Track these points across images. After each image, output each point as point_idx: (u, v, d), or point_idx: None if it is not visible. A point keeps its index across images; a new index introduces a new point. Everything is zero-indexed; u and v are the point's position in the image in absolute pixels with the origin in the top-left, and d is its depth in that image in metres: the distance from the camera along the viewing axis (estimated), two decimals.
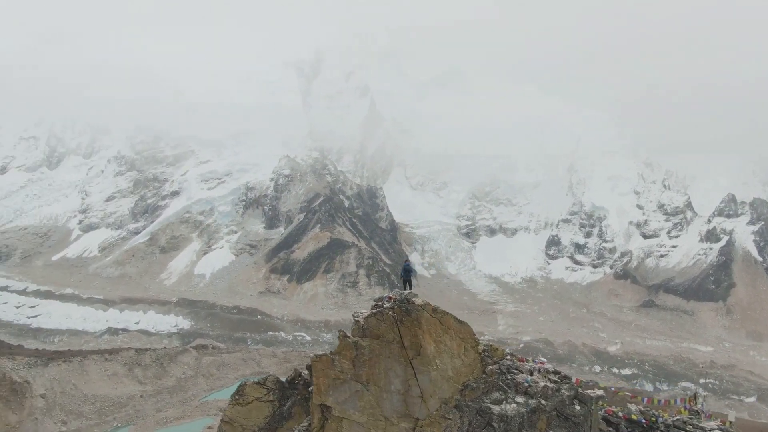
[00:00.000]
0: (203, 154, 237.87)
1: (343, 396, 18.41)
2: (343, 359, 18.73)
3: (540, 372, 22.12)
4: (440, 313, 20.45)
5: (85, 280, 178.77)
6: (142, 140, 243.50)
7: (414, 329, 18.85)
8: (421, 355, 18.56)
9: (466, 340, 20.32)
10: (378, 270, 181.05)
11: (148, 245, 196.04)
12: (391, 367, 18.51)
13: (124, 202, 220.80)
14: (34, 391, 77.61)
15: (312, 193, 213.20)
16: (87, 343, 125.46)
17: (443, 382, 18.69)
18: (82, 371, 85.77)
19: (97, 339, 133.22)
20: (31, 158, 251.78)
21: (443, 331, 19.35)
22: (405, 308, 19.31)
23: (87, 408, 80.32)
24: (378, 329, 19.01)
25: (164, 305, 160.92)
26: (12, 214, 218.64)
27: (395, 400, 18.34)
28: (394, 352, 18.64)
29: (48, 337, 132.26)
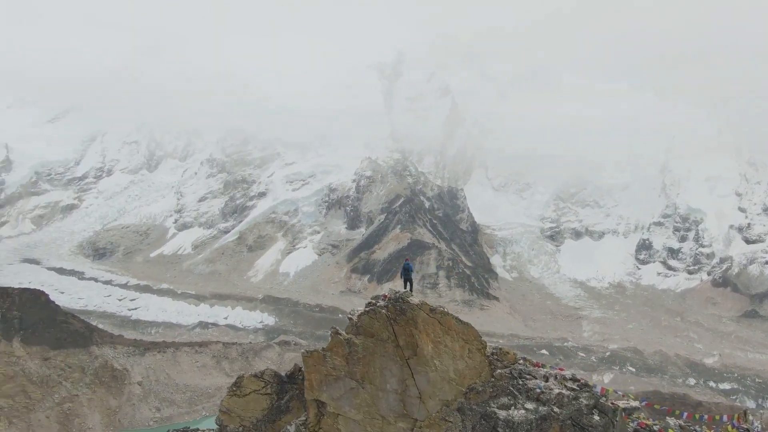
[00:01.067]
0: (288, 157, 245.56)
1: (338, 392, 18.51)
2: (335, 356, 18.75)
3: (557, 378, 20.97)
4: (439, 313, 19.82)
5: (179, 276, 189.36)
6: (231, 143, 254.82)
7: (409, 328, 18.65)
8: (418, 355, 18.40)
9: (470, 342, 19.65)
10: (458, 272, 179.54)
11: (236, 244, 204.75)
12: (386, 365, 18.46)
13: (215, 203, 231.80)
14: (132, 378, 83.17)
15: (393, 195, 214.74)
16: (180, 336, 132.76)
17: (444, 383, 18.42)
18: (175, 362, 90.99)
19: (189, 332, 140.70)
20: (133, 161, 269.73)
21: (443, 332, 18.91)
22: (399, 307, 19.10)
23: (179, 396, 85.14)
24: (371, 327, 18.89)
25: (251, 302, 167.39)
26: (116, 213, 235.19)
27: (391, 399, 18.30)
28: (389, 351, 18.56)
29: (146, 329, 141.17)
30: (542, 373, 20.78)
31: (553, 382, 20.33)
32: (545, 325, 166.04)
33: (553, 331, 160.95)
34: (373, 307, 19.22)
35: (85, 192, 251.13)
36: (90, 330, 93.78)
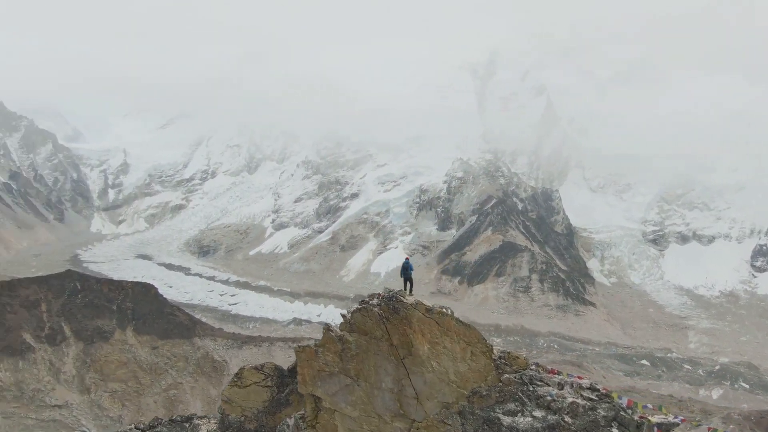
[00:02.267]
0: (380, 158, 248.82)
1: (333, 388, 18.52)
2: (327, 352, 18.77)
3: (573, 387, 19.53)
4: (437, 313, 19.22)
5: (276, 273, 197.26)
6: (326, 146, 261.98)
7: (403, 328, 18.38)
8: (413, 355, 18.10)
9: (473, 345, 18.88)
10: (552, 276, 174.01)
11: (329, 243, 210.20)
12: (380, 364, 18.25)
13: (310, 203, 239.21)
14: (230, 369, 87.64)
15: (484, 196, 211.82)
16: (275, 331, 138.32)
17: (443, 385, 18.04)
18: (270, 356, 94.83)
19: (284, 328, 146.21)
20: (234, 164, 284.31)
21: (442, 333, 18.50)
22: (392, 306, 18.87)
23: None
24: (364, 325, 18.77)
25: (342, 300, 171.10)
26: (219, 213, 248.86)
27: (387, 398, 18.12)
28: (383, 349, 18.33)
29: (244, 323, 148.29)
30: (556, 380, 19.69)
31: (569, 390, 19.16)
32: (646, 334, 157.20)
33: (655, 341, 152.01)
34: (366, 305, 19.28)
35: (191, 193, 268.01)
36: (193, 322, 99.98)
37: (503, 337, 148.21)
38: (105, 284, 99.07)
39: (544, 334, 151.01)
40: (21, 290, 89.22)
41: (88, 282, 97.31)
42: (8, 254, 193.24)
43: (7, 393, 76.65)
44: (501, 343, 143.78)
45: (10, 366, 78.86)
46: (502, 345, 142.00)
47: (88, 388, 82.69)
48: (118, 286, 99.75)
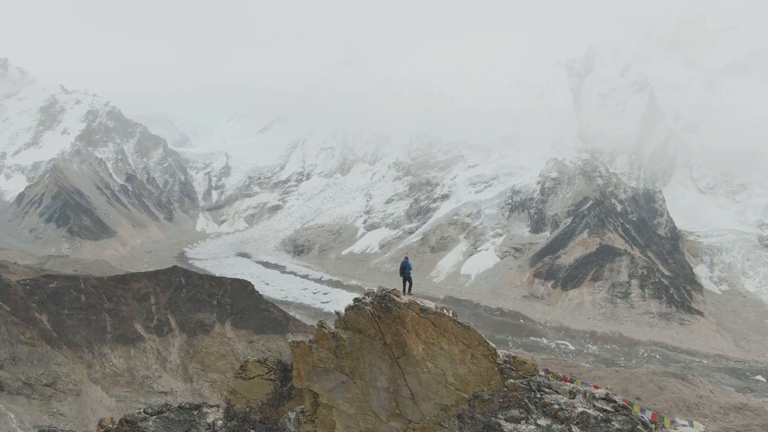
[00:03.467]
0: (471, 159, 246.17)
1: (330, 385, 18.55)
2: (321, 348, 18.73)
3: (585, 396, 17.70)
4: (433, 314, 18.28)
5: (367, 273, 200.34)
6: (417, 147, 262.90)
7: (396, 327, 18.01)
8: (407, 355, 17.77)
9: (474, 347, 17.89)
10: (654, 281, 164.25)
11: (420, 244, 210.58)
12: (375, 363, 18.08)
13: (401, 204, 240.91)
14: None
15: (580, 197, 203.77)
16: None
17: (440, 387, 17.60)
18: None
19: None
20: (328, 166, 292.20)
21: (438, 334, 17.96)
22: (385, 305, 18.48)
23: None
24: (358, 323, 18.60)
25: (433, 301, 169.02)
26: (313, 213, 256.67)
27: (382, 397, 17.95)
28: (377, 348, 18.12)
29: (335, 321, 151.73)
30: (568, 388, 18.26)
31: (580, 399, 17.72)
32: (763, 348, 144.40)
33: None
34: (358, 304, 19.05)
35: (288, 194, 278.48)
36: (287, 319, 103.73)
37: (599, 345, 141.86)
38: (206, 280, 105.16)
39: (644, 344, 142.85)
40: (133, 284, 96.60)
41: (192, 277, 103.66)
42: (124, 250, 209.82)
43: (120, 378, 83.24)
44: (597, 351, 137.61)
45: (123, 353, 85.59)
46: (597, 352, 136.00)
47: (191, 377, 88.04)
48: (219, 282, 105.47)
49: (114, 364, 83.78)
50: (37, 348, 75.12)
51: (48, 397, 71.57)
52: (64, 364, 76.62)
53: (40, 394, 71.19)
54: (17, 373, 71.01)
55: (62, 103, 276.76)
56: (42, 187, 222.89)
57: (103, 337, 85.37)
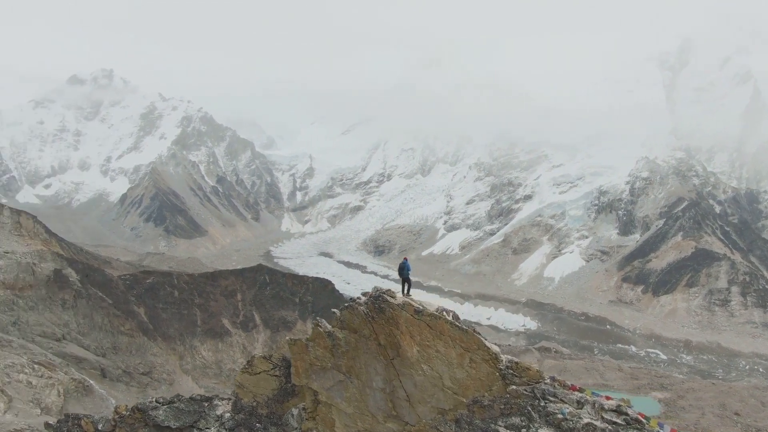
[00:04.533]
0: (556, 159, 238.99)
1: (328, 383, 18.42)
2: (318, 347, 18.61)
3: (594, 407, 15.85)
4: (428, 316, 17.20)
5: (446, 274, 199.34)
6: (499, 147, 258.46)
7: (389, 328, 17.54)
8: (401, 356, 17.32)
9: (472, 351, 16.95)
10: (758, 288, 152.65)
11: (501, 246, 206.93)
12: (370, 363, 17.79)
13: (482, 205, 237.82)
14: None
15: (674, 198, 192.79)
16: None
17: (436, 390, 16.96)
18: None
19: None
20: (409, 167, 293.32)
21: (434, 337, 17.27)
22: (378, 306, 17.91)
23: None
24: (353, 323, 18.26)
25: (513, 304, 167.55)
26: (394, 214, 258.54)
27: (379, 398, 17.65)
28: (372, 348, 17.79)
29: None
30: (575, 397, 16.68)
31: (588, 410, 16.16)
32: None
33: None
34: (352, 303, 18.62)
35: (369, 195, 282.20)
36: None
37: (694, 355, 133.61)
38: (289, 278, 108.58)
39: (746, 355, 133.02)
40: (221, 281, 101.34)
41: (276, 276, 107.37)
42: (215, 249, 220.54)
43: (209, 370, 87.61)
44: (691, 361, 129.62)
45: (212, 347, 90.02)
46: (692, 363, 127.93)
47: None
48: (301, 280, 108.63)
49: (203, 357, 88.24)
50: (135, 339, 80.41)
51: (144, 385, 76.40)
52: (159, 355, 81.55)
53: (137, 382, 76.11)
54: (117, 362, 76.28)
55: (160, 110, 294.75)
56: (142, 188, 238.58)
57: (194, 331, 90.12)
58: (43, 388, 59.98)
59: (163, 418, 20.29)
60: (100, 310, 79.88)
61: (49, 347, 68.91)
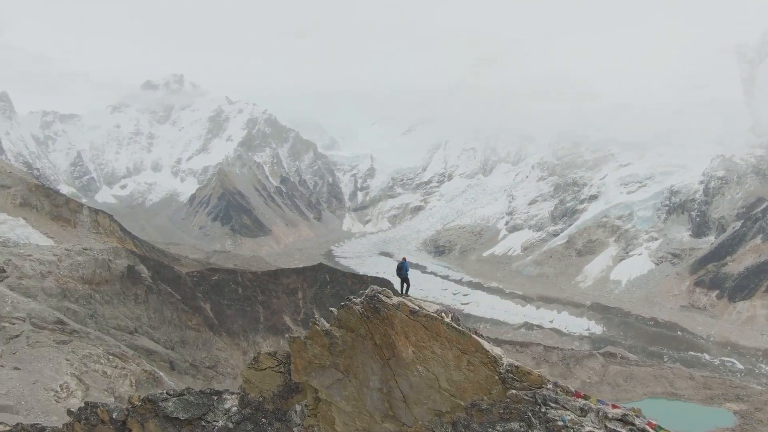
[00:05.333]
0: (623, 157, 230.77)
1: (328, 381, 18.50)
2: (315, 345, 18.70)
3: (598, 415, 14.57)
4: (424, 317, 16.70)
5: (508, 276, 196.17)
6: (562, 146, 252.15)
7: (384, 328, 17.26)
8: (396, 357, 17.10)
9: (470, 353, 16.28)
10: None
11: (565, 247, 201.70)
12: (367, 362, 17.72)
13: (545, 206, 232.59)
14: None
15: (753, 198, 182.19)
16: (505, 333, 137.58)
17: (432, 392, 16.60)
18: None
19: (514, 331, 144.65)
20: (470, 166, 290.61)
21: (430, 338, 16.78)
22: (373, 305, 17.61)
23: None
24: (349, 322, 18.14)
25: (577, 308, 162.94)
26: (454, 214, 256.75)
27: (376, 397, 17.60)
28: (368, 347, 17.70)
29: (475, 323, 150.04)
30: (578, 404, 15.57)
31: (592, 418, 15.10)
32: None
33: None
34: (349, 302, 18.28)
35: (429, 195, 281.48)
36: None
37: None
38: (349, 277, 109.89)
39: None
40: (283, 279, 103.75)
41: (335, 275, 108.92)
42: (278, 248, 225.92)
43: None
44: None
45: (273, 343, 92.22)
46: None
47: None
48: (360, 279, 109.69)
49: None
50: (201, 333, 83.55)
51: (210, 378, 79.22)
52: (224, 350, 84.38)
53: (203, 375, 79.02)
54: (185, 355, 79.47)
55: (227, 113, 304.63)
56: (209, 189, 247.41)
57: (257, 327, 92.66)
58: (116, 378, 63.27)
59: (172, 410, 20.92)
60: (170, 305, 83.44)
61: (123, 339, 72.58)
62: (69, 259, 78.64)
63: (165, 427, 20.75)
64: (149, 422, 20.97)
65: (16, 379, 54.77)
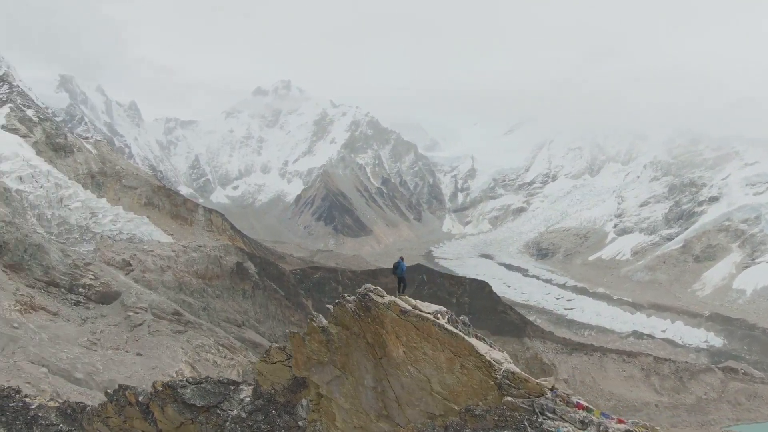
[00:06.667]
0: (749, 156, 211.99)
1: (327, 377, 18.62)
2: (313, 341, 18.82)
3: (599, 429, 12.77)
4: (415, 317, 16.01)
5: (616, 281, 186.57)
6: (679, 144, 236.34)
7: (375, 327, 17.00)
8: (387, 356, 16.84)
9: (462, 357, 15.47)
10: None
11: (680, 253, 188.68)
12: (361, 360, 17.67)
13: (658, 208, 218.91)
14: (559, 374, 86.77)
15: None
16: (611, 342, 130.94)
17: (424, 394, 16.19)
18: (601, 367, 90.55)
19: (621, 339, 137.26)
20: (576, 167, 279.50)
21: (422, 339, 16.28)
22: (364, 303, 17.25)
23: (603, 403, 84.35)
24: (344, 319, 18.02)
25: (694, 318, 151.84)
26: (559, 216, 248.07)
27: (370, 396, 17.53)
28: (362, 345, 17.57)
29: (578, 330, 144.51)
30: (578, 416, 13.61)
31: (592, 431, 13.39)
32: None
33: None
34: (342, 300, 18.06)
35: (532, 196, 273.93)
36: (524, 323, 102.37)
37: None
38: (446, 278, 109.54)
39: None
40: (381, 278, 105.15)
41: (433, 275, 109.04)
42: (379, 248, 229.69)
43: None
44: None
45: None
46: None
47: None
48: (458, 281, 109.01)
49: None
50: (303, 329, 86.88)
51: None
52: None
53: None
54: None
55: (331, 116, 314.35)
56: (314, 190, 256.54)
57: None
58: (225, 368, 67.36)
59: (190, 396, 21.86)
60: (274, 301, 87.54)
61: (231, 332, 77.09)
62: (185, 255, 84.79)
63: (182, 412, 21.92)
64: (168, 407, 22.25)
65: (139, 364, 59.95)
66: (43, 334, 56.23)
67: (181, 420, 21.74)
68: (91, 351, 58.46)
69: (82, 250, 76.61)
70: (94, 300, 67.43)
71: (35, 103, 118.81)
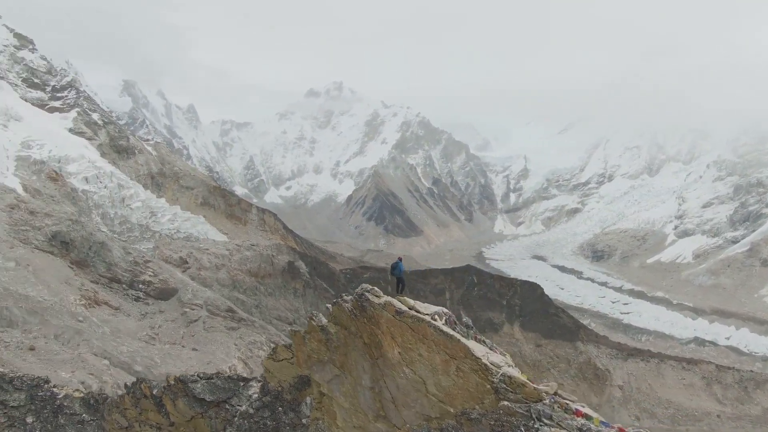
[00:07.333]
0: None
1: (327, 376, 18.79)
2: (313, 339, 19.05)
3: None
4: (411, 318, 15.90)
5: (675, 285, 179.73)
6: (745, 142, 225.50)
7: (371, 327, 17.03)
8: (383, 356, 16.88)
9: (458, 359, 15.37)
10: None
11: (746, 256, 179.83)
12: (358, 360, 17.77)
13: (722, 209, 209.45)
14: (613, 380, 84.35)
15: None
16: (670, 348, 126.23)
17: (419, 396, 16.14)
18: (659, 374, 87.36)
19: (681, 346, 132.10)
20: (633, 166, 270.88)
21: (417, 340, 16.24)
22: (360, 303, 17.31)
23: (660, 410, 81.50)
24: (341, 319, 18.16)
25: (761, 324, 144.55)
26: (615, 217, 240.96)
27: (368, 396, 17.61)
28: (359, 345, 17.65)
29: (635, 335, 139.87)
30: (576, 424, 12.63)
31: None
32: None
33: None
34: (340, 300, 18.14)
35: (587, 197, 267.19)
36: (577, 326, 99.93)
37: None
38: (497, 280, 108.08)
39: None
40: (431, 279, 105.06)
41: (483, 276, 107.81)
42: (429, 248, 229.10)
43: None
44: None
45: None
46: None
47: None
48: (509, 283, 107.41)
49: None
50: None
51: None
52: None
53: None
54: None
55: (382, 117, 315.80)
56: (365, 190, 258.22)
57: None
58: None
59: (200, 391, 22.28)
60: (324, 300, 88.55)
61: (283, 329, 78.60)
62: (239, 254, 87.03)
63: (192, 406, 22.45)
64: (179, 400, 22.82)
65: (194, 358, 61.95)
66: (106, 328, 58.87)
67: (192, 414, 22.50)
68: (149, 345, 60.82)
69: (142, 248, 79.79)
70: (153, 296, 70.09)
71: (100, 107, 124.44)
